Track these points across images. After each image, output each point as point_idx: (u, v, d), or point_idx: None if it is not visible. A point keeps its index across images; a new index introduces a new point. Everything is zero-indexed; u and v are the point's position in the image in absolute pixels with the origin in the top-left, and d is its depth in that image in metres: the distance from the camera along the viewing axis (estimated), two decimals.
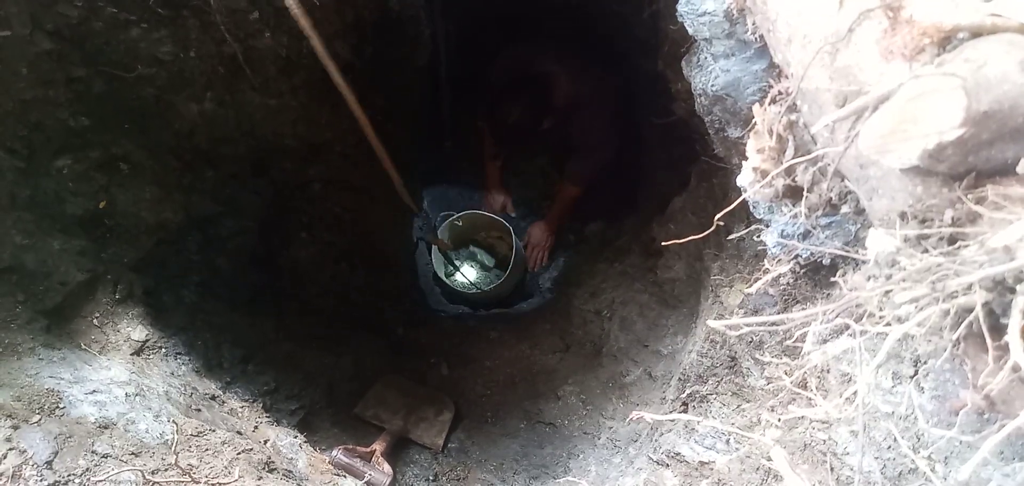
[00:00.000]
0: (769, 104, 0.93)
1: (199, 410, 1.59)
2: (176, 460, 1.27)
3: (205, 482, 1.27)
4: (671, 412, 1.62)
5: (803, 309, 1.17)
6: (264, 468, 1.48)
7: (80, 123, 1.62)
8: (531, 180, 3.66)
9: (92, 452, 1.21)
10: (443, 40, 3.18)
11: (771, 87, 0.96)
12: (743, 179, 1.00)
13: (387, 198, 2.79)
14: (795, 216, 0.98)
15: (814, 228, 1.00)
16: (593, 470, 1.89)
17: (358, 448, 1.90)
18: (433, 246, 3.25)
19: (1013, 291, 0.61)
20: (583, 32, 3.19)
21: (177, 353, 1.72)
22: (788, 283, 1.23)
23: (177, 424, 1.41)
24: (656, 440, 1.59)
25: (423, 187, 3.68)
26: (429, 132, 3.69)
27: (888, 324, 0.71)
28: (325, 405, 2.13)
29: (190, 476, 1.25)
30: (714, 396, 1.47)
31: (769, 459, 1.12)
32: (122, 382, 1.44)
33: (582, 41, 3.14)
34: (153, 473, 1.21)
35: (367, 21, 2.42)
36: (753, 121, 0.97)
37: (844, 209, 0.91)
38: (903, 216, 0.71)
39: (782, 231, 1.09)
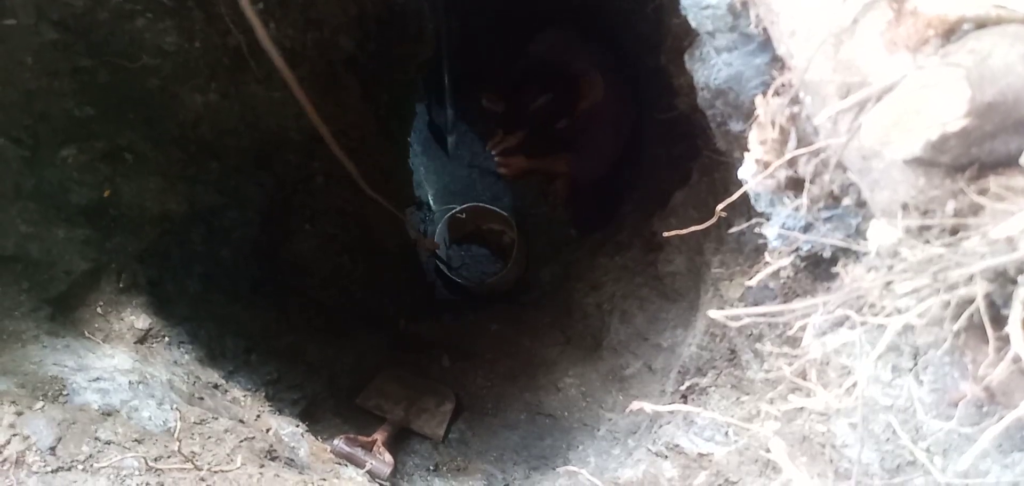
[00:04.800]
0: (772, 96, 0.93)
1: (202, 399, 1.60)
2: (179, 447, 1.27)
3: (207, 469, 1.28)
4: (670, 404, 1.62)
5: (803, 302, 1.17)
6: (266, 456, 1.49)
7: (85, 113, 1.62)
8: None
9: (95, 439, 1.22)
10: (446, 36, 3.18)
11: (774, 80, 0.96)
12: (745, 171, 1.00)
13: (390, 192, 2.79)
14: (797, 209, 0.98)
15: (815, 221, 1.00)
16: (592, 461, 1.90)
17: (359, 437, 1.91)
18: (438, 229, 3.25)
19: (1014, 282, 0.61)
20: (587, 28, 3.18)
21: (180, 342, 1.72)
22: (788, 276, 1.24)
23: (180, 412, 1.42)
24: (655, 432, 1.60)
25: (426, 183, 3.68)
26: (432, 128, 3.70)
27: (889, 315, 0.72)
28: (327, 395, 2.14)
29: (193, 463, 1.25)
30: (713, 388, 1.47)
31: (768, 451, 1.12)
32: (125, 370, 1.45)
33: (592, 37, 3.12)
34: (156, 460, 1.22)
35: (371, 16, 2.42)
36: (756, 113, 0.97)
37: (846, 201, 0.91)
38: (905, 207, 0.71)
39: (783, 224, 1.09)
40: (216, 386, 1.70)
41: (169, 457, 1.25)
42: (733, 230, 1.48)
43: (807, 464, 1.06)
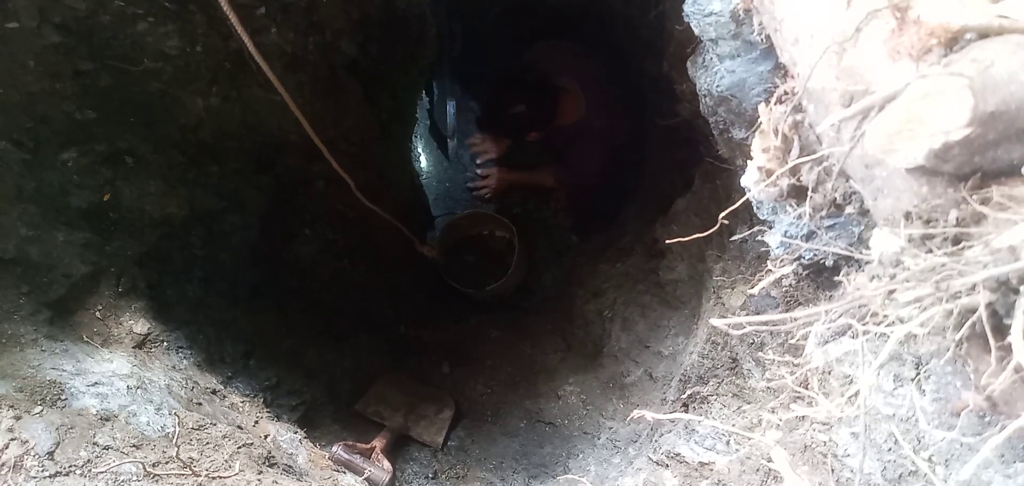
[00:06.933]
0: (775, 103, 0.93)
1: (200, 404, 1.59)
2: (177, 453, 1.27)
3: (205, 475, 1.27)
4: (671, 413, 1.62)
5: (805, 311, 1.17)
6: (264, 463, 1.48)
7: (86, 116, 1.62)
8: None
9: (94, 443, 1.21)
10: (449, 38, 3.19)
11: (777, 88, 0.96)
12: (748, 179, 1.00)
13: (390, 196, 2.79)
14: (799, 217, 0.98)
15: (818, 229, 1.00)
16: (593, 470, 1.89)
17: (358, 444, 1.90)
18: (437, 235, 3.26)
19: (1017, 292, 0.61)
20: (589, 32, 3.19)
21: (179, 347, 1.72)
22: (790, 285, 1.23)
23: (178, 417, 1.41)
24: (656, 440, 1.59)
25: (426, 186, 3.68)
26: (434, 130, 3.71)
27: (891, 325, 0.71)
28: (326, 401, 2.13)
29: (191, 469, 1.25)
30: (715, 397, 1.46)
31: (769, 460, 1.12)
32: (124, 375, 1.44)
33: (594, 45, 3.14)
34: (154, 466, 1.21)
35: (374, 19, 2.42)
36: (759, 121, 0.97)
37: (848, 210, 0.91)
38: (908, 216, 0.71)
39: (785, 232, 1.09)
40: (214, 391, 1.69)
41: (167, 463, 1.24)
42: (735, 238, 1.48)
43: (809, 473, 1.05)
